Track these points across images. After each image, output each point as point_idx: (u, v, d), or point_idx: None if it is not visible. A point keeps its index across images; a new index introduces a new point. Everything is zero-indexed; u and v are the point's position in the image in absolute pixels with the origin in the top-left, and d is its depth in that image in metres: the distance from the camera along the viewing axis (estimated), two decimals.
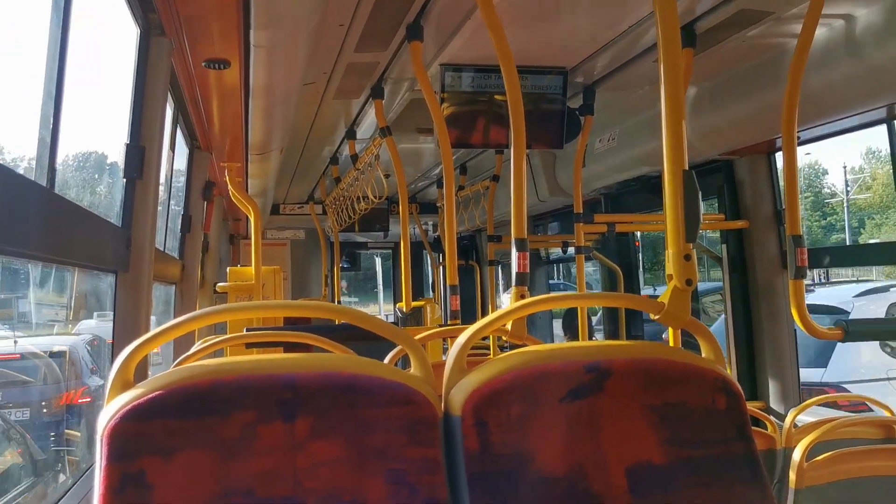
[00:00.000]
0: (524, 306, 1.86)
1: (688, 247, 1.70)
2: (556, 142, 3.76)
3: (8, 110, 2.15)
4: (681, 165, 1.72)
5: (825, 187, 42.30)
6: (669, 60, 1.75)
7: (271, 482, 1.39)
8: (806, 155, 38.81)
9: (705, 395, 1.56)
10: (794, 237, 2.55)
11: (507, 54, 2.33)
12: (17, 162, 2.31)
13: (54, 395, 5.27)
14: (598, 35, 3.21)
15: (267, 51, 2.66)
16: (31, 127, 1.91)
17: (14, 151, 2.30)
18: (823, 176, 42.84)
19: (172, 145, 4.08)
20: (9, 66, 2.08)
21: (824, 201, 41.20)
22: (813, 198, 40.41)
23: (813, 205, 40.12)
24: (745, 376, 4.24)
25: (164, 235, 4.38)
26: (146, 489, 1.34)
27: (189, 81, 3.30)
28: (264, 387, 1.42)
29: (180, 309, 4.66)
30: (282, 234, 9.30)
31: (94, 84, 2.95)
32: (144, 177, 2.65)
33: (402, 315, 4.02)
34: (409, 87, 3.92)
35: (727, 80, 3.55)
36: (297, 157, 5.89)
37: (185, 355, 2.38)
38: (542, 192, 5.66)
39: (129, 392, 1.40)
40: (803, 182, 40.60)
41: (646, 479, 1.50)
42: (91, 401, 5.24)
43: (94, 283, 3.68)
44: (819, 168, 42.27)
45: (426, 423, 1.46)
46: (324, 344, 2.49)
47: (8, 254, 1.80)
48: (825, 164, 43.68)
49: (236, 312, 2.41)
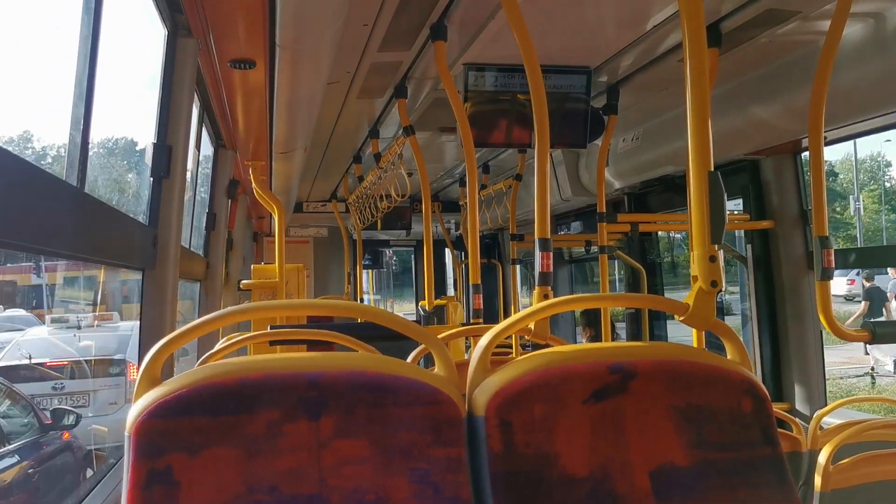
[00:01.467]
0: (548, 307, 1.86)
1: (713, 248, 1.70)
2: (580, 141, 3.74)
3: (40, 107, 2.19)
4: (706, 166, 1.71)
5: (891, 179, 40.72)
6: (695, 60, 1.75)
7: (296, 480, 1.40)
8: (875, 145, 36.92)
9: (731, 397, 1.55)
10: (820, 238, 2.52)
11: (531, 54, 2.33)
12: (47, 150, 2.35)
13: None
14: (623, 34, 3.19)
15: (292, 51, 2.67)
16: (61, 120, 1.95)
17: (44, 140, 2.34)
18: (887, 168, 41.17)
19: (198, 144, 4.12)
20: (42, 66, 2.11)
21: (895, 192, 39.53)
22: (880, 190, 38.98)
23: (881, 198, 38.66)
24: (769, 377, 4.20)
25: (190, 233, 4.42)
26: (173, 486, 1.36)
27: (215, 81, 3.33)
28: (290, 385, 1.43)
29: (205, 306, 4.71)
30: (305, 232, 9.34)
31: (123, 84, 2.98)
32: (171, 175, 2.68)
33: (425, 314, 4.03)
34: (433, 87, 3.93)
35: (753, 80, 3.52)
36: (321, 156, 5.92)
37: (210, 353, 2.40)
38: (565, 191, 5.65)
39: (157, 389, 1.42)
40: (865, 175, 39.39)
41: (670, 482, 1.49)
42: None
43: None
44: (882, 160, 40.69)
45: (450, 422, 1.46)
46: (347, 342, 2.50)
47: (41, 252, 1.83)
48: (888, 156, 41.80)
49: (261, 311, 2.43)
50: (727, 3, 2.80)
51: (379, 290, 20.51)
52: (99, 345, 6.70)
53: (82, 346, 6.50)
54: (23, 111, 2.10)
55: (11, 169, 1.40)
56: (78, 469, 4.67)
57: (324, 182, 7.41)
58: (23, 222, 1.46)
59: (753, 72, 3.49)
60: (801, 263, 4.12)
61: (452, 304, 6.51)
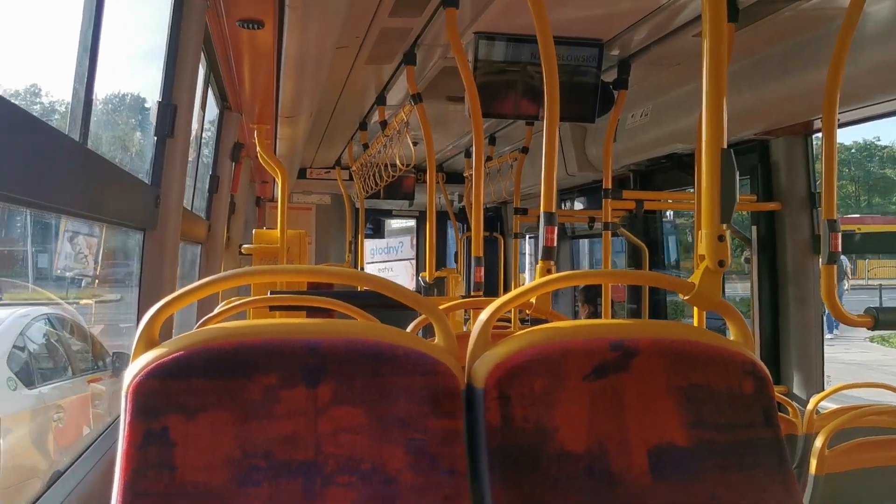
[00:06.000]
0: (551, 281, 1.85)
1: (721, 227, 1.68)
2: (589, 115, 3.71)
3: (48, 60, 2.16)
4: (719, 144, 1.68)
5: None
6: (714, 35, 1.71)
7: (292, 446, 1.40)
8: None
9: (732, 378, 1.54)
10: (829, 221, 2.50)
11: (544, 24, 2.29)
12: (55, 105, 2.32)
13: None
14: (637, 7, 3.14)
15: (302, 12, 2.63)
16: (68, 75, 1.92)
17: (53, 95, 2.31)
18: None
19: (203, 105, 4.08)
20: (47, 20, 2.08)
21: None
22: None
23: None
24: (768, 359, 4.20)
25: (192, 195, 4.40)
26: (168, 446, 1.35)
27: (222, 41, 3.29)
28: (288, 351, 1.42)
29: (205, 268, 4.70)
30: (308, 199, 9.31)
31: (129, 41, 2.95)
32: (175, 135, 2.65)
33: (425, 285, 4.02)
34: (442, 55, 3.88)
35: (767, 58, 3.47)
36: (326, 122, 5.87)
37: (209, 316, 2.39)
38: (571, 166, 5.61)
39: (155, 350, 1.40)
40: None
41: (667, 461, 1.48)
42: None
43: None
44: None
45: (449, 394, 1.45)
46: (347, 310, 2.49)
47: (42, 208, 1.81)
48: None
49: (263, 276, 2.41)
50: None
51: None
52: None
53: None
54: (30, 64, 2.06)
55: (13, 121, 1.38)
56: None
57: (328, 148, 7.36)
58: (23, 176, 1.44)
59: (768, 49, 3.44)
60: (807, 247, 4.10)
61: (453, 276, 6.50)
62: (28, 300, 3.81)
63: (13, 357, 3.35)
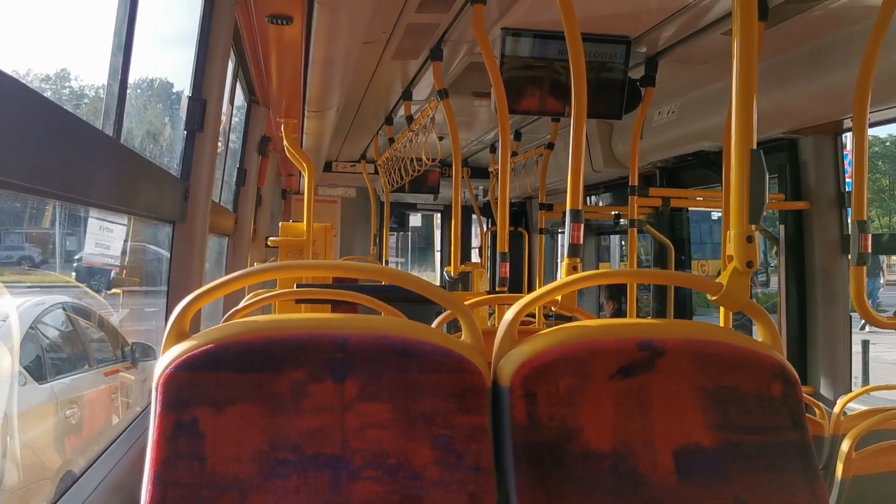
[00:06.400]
0: (578, 280, 1.85)
1: (750, 228, 1.67)
2: (616, 112, 3.69)
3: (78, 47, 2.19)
4: (749, 144, 1.67)
5: None
6: (744, 33, 1.70)
7: (319, 440, 1.41)
8: None
9: (760, 380, 1.53)
10: (858, 222, 2.47)
11: (571, 20, 2.28)
12: (85, 90, 2.35)
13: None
14: (665, 5, 3.12)
15: (330, 8, 2.65)
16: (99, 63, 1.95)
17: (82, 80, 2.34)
18: None
19: (231, 99, 4.12)
20: (82, 17, 2.11)
21: None
22: None
23: None
24: (795, 360, 4.17)
25: (220, 188, 4.44)
26: (198, 438, 1.38)
27: (251, 36, 3.31)
28: (316, 346, 1.44)
29: (232, 261, 4.74)
30: (333, 192, 9.35)
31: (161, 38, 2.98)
32: (205, 129, 2.68)
33: (450, 279, 4.03)
34: (468, 51, 3.88)
35: (797, 56, 3.43)
36: (353, 116, 5.90)
37: (236, 309, 2.42)
38: (597, 162, 5.59)
39: (185, 343, 1.43)
40: None
41: (693, 462, 1.48)
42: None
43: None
44: None
45: (475, 391, 1.46)
46: (371, 304, 2.51)
47: (79, 202, 1.84)
48: None
49: (289, 271, 2.44)
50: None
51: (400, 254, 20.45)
52: None
53: None
54: (61, 50, 2.10)
55: (50, 117, 1.40)
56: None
57: (354, 142, 7.40)
58: (59, 171, 1.47)
59: (798, 48, 3.41)
60: (835, 247, 4.06)
61: (477, 270, 6.50)
62: (53, 283, 3.66)
63: (24, 349, 3.16)
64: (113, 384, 3.76)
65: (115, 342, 4.06)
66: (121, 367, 3.90)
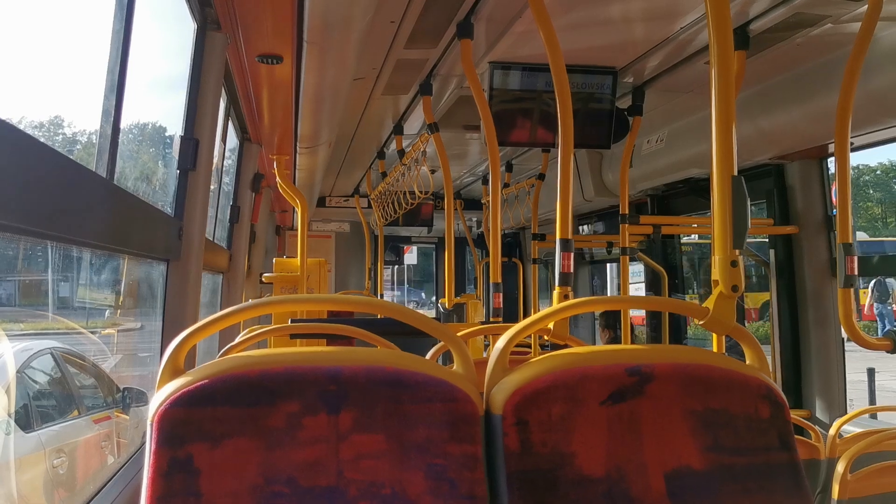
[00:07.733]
0: (568, 307, 1.87)
1: (734, 253, 1.69)
2: (604, 142, 3.74)
3: (70, 94, 2.22)
4: (730, 171, 1.70)
5: None
6: (722, 63, 1.74)
7: (314, 472, 1.42)
8: None
9: (748, 402, 1.55)
10: (844, 245, 2.50)
11: (556, 53, 2.33)
12: (77, 136, 2.37)
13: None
14: (650, 35, 3.18)
15: (319, 47, 2.69)
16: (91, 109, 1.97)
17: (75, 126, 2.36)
18: None
19: (224, 137, 4.16)
20: (74, 59, 2.15)
21: None
22: None
23: None
24: (790, 384, 4.17)
25: (214, 225, 4.47)
26: (193, 474, 1.38)
27: (242, 75, 3.36)
28: (310, 379, 1.45)
29: (227, 297, 4.75)
30: (327, 227, 9.39)
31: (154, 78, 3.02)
32: (197, 168, 2.71)
33: (445, 311, 4.04)
34: (458, 84, 3.94)
35: (780, 83, 3.49)
36: (345, 151, 5.95)
37: (232, 344, 2.43)
38: (588, 191, 5.64)
39: (179, 379, 1.44)
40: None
41: (685, 485, 1.49)
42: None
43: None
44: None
45: (468, 420, 1.47)
46: (366, 337, 2.52)
47: (72, 243, 1.86)
48: None
49: (283, 305, 2.45)
50: (756, 6, 2.78)
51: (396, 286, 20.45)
52: None
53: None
54: (53, 97, 2.13)
55: (44, 160, 1.43)
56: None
57: (347, 177, 7.44)
58: (53, 213, 1.49)
59: (781, 75, 3.47)
60: (825, 270, 4.09)
61: (472, 302, 6.51)
62: (46, 330, 3.61)
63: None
64: (102, 431, 3.72)
65: (106, 387, 4.03)
66: (111, 413, 3.86)
